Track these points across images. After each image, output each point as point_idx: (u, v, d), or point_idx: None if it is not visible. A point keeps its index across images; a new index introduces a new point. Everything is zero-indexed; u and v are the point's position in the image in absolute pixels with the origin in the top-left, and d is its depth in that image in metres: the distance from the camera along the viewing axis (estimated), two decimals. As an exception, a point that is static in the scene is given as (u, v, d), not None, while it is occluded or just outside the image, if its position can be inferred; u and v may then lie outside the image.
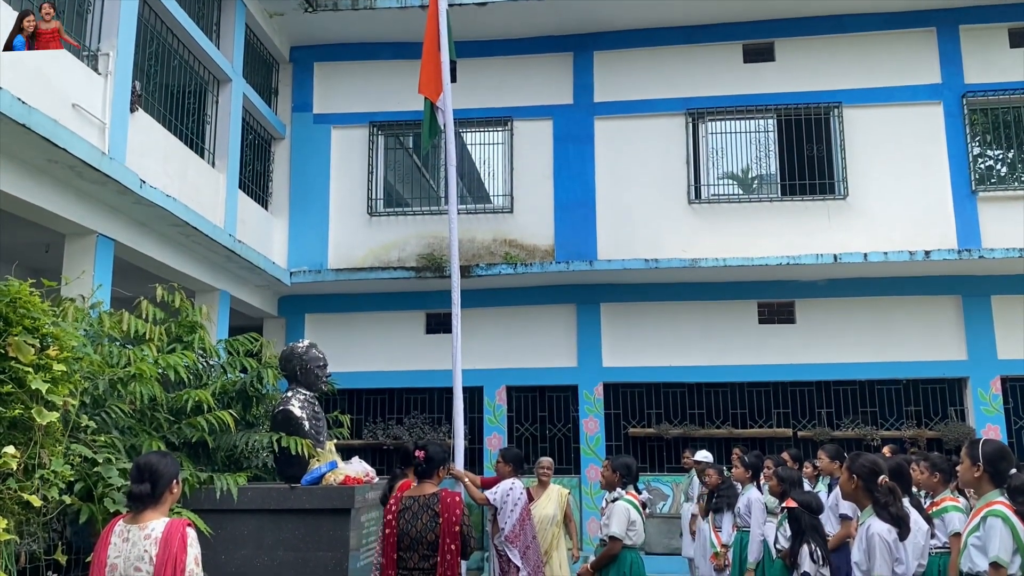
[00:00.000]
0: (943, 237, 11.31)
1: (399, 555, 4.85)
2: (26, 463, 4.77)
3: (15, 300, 4.89)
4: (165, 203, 8.18)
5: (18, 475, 4.66)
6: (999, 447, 4.07)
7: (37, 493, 4.78)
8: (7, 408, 4.63)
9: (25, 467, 4.77)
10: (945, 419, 11.49)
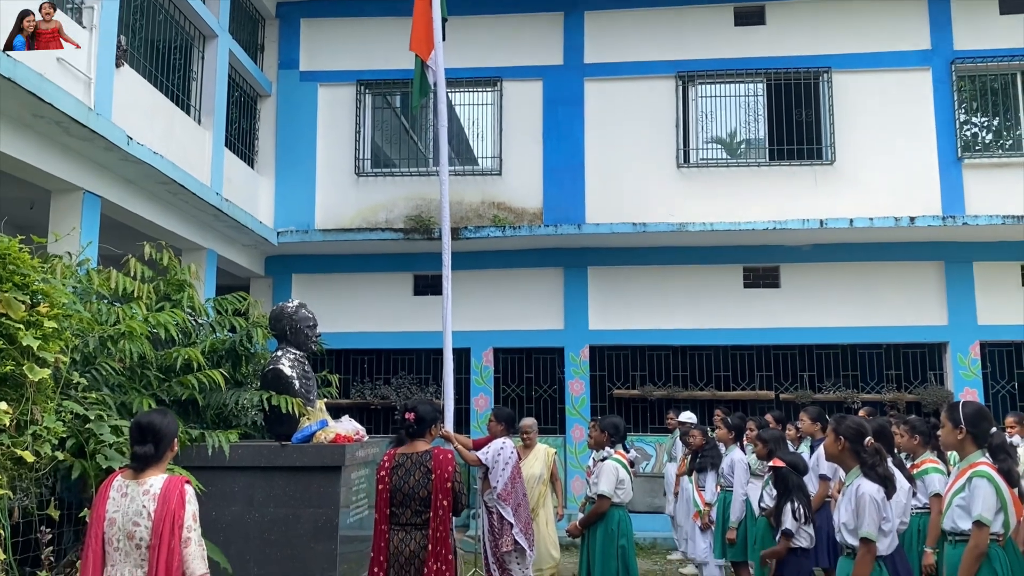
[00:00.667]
0: (928, 203, 11.40)
1: (392, 510, 4.93)
2: (18, 419, 4.78)
3: (4, 256, 4.86)
4: (152, 160, 8.10)
5: (10, 431, 4.67)
6: (978, 408, 4.17)
7: (29, 449, 4.79)
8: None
9: (17, 423, 4.78)
10: (924, 383, 11.69)
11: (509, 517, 7.24)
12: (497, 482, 7.31)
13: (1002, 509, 3.90)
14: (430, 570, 4.75)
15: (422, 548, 4.83)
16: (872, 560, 3.92)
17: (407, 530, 4.90)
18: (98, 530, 3.62)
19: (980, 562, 3.84)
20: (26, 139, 6.95)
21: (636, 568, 6.00)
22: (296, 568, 6.65)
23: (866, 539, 3.90)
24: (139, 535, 3.56)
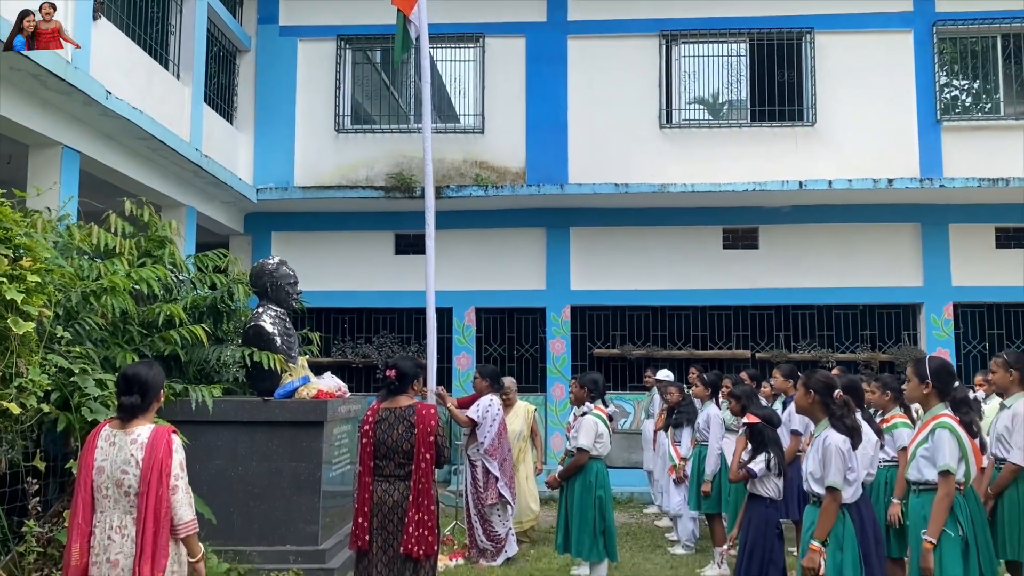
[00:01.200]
0: (907, 166, 11.51)
1: (376, 463, 5.01)
2: (3, 372, 4.82)
3: (-14, 210, 4.85)
4: (131, 115, 8.03)
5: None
6: (943, 363, 4.31)
7: (15, 401, 4.84)
8: (-18, 317, 4.65)
9: (2, 376, 4.82)
10: (898, 343, 11.92)
11: (495, 471, 7.43)
12: (485, 437, 7.48)
13: (963, 458, 4.06)
14: (411, 519, 4.86)
15: (405, 498, 4.93)
16: (837, 508, 4.08)
17: (391, 481, 5.00)
18: (87, 478, 3.69)
19: (949, 508, 4.00)
20: (3, 93, 6.87)
21: (612, 517, 6.17)
22: (279, 521, 6.80)
23: (831, 488, 4.06)
24: (127, 483, 3.64)
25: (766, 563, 5.02)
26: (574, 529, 6.06)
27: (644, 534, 8.93)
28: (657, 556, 7.86)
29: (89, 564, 3.66)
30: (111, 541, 3.65)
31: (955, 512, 4.01)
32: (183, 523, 3.68)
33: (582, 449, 6.08)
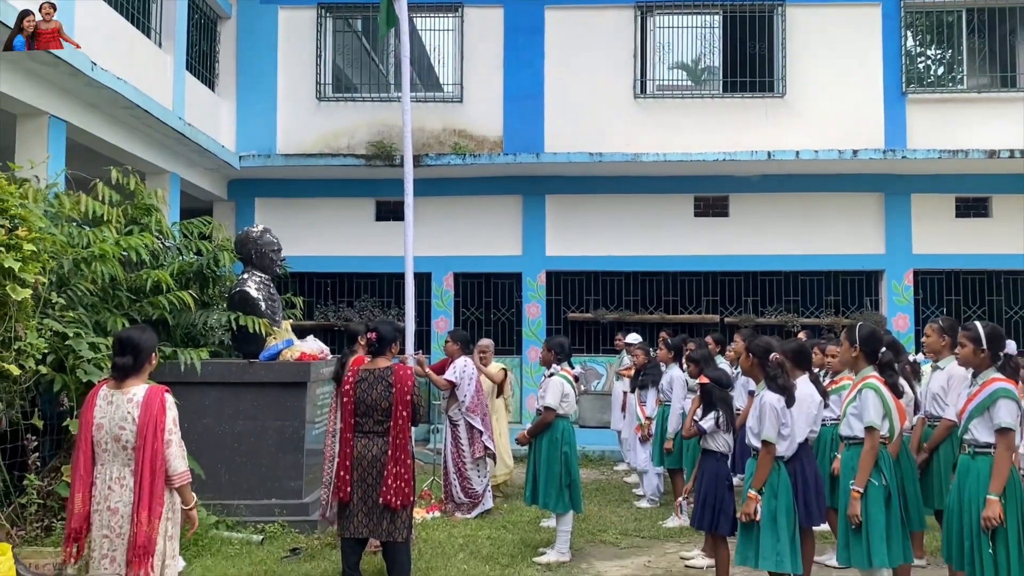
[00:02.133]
0: (872, 136, 11.87)
1: (356, 420, 5.39)
2: (3, 336, 5.13)
3: (-17, 182, 5.11)
4: (116, 85, 8.22)
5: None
6: (872, 330, 4.71)
7: (15, 364, 5.15)
8: (-18, 285, 4.94)
9: (2, 340, 5.13)
10: (861, 308, 12.37)
11: (478, 425, 7.92)
12: (465, 396, 7.93)
13: (887, 416, 4.47)
14: (390, 472, 5.26)
15: (383, 453, 5.32)
16: (771, 460, 4.50)
17: (370, 437, 5.38)
18: (87, 434, 4.03)
19: (874, 460, 4.42)
20: (-10, 64, 7.06)
21: (577, 472, 6.57)
22: (264, 477, 7.20)
23: (766, 441, 4.47)
24: (125, 438, 3.98)
25: (717, 512, 5.44)
26: (541, 483, 6.46)
27: (613, 489, 9.40)
28: (623, 510, 8.32)
29: (91, 511, 4.02)
30: (111, 491, 4.00)
31: (879, 464, 4.43)
32: (177, 474, 4.04)
33: (549, 408, 6.47)
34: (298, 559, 6.24)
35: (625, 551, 6.85)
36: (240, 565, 6.02)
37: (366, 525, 5.34)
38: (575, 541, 6.78)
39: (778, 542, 4.45)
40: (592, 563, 6.49)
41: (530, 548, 6.74)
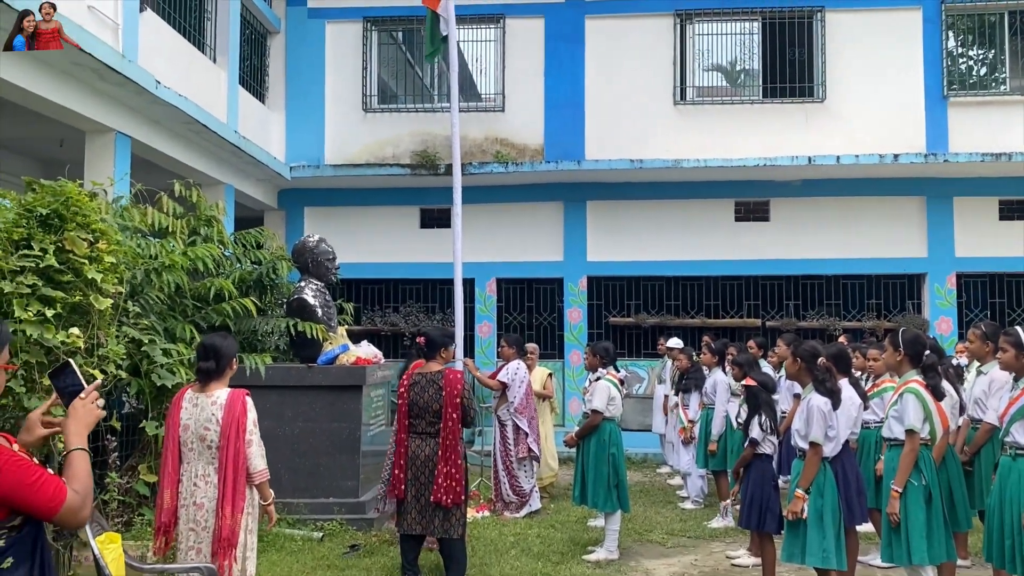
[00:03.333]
0: (913, 140, 11.90)
1: (410, 421, 5.67)
2: (87, 343, 5.47)
3: (68, 199, 5.46)
4: (177, 102, 8.62)
5: (82, 353, 5.36)
6: (915, 334, 4.86)
7: (97, 368, 5.49)
8: (69, 295, 5.28)
9: (87, 347, 5.47)
10: (903, 312, 12.40)
11: (525, 427, 8.18)
12: (514, 398, 8.20)
13: (927, 419, 4.63)
14: (440, 472, 5.52)
15: (435, 453, 5.58)
16: (818, 460, 4.68)
17: (423, 438, 5.65)
18: (174, 434, 4.34)
19: (913, 462, 4.58)
20: (66, 84, 7.47)
21: (625, 473, 6.77)
22: (323, 476, 7.49)
23: (813, 443, 4.65)
24: (209, 438, 4.28)
25: (764, 511, 5.61)
26: (590, 483, 6.67)
27: (657, 491, 9.57)
28: (668, 511, 8.49)
29: (178, 506, 4.33)
30: (196, 487, 4.31)
31: (919, 465, 4.59)
32: (257, 471, 4.33)
33: (596, 410, 6.69)
34: (357, 555, 6.52)
35: (672, 550, 7.04)
36: (304, 560, 6.32)
37: (419, 522, 5.60)
38: (622, 540, 6.97)
39: (824, 539, 4.62)
40: (640, 561, 6.68)
41: (579, 546, 6.96)
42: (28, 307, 4.93)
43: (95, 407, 2.37)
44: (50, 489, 2.16)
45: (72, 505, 2.18)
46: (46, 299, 5.07)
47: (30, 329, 4.88)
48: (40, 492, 2.14)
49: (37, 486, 2.15)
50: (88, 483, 2.25)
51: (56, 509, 2.16)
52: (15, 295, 4.90)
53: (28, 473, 2.15)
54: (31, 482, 2.14)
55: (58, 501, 2.16)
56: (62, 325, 5.17)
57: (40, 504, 2.15)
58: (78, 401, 2.35)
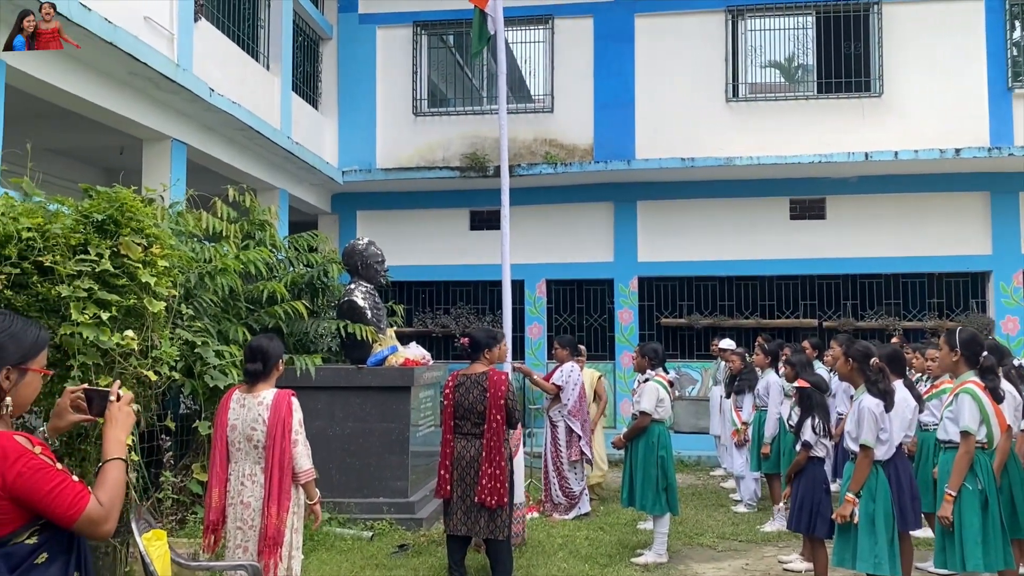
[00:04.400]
0: (975, 134, 11.52)
1: (455, 422, 5.69)
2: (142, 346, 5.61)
3: (123, 205, 5.61)
4: (231, 109, 8.80)
5: (137, 355, 5.50)
6: (972, 334, 4.70)
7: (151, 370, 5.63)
8: (124, 298, 5.42)
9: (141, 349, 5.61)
10: (967, 311, 12.01)
11: (577, 430, 8.16)
12: (568, 399, 8.19)
13: (984, 421, 4.47)
14: (484, 472, 5.53)
15: (479, 454, 5.58)
16: (869, 464, 4.55)
17: (468, 439, 5.67)
18: (222, 434, 4.43)
19: (968, 465, 4.43)
20: (123, 94, 7.70)
21: (674, 476, 6.69)
22: (372, 476, 7.57)
23: (864, 445, 4.52)
24: (256, 438, 4.36)
25: (815, 515, 5.50)
26: (638, 485, 6.61)
27: (709, 494, 9.44)
28: (720, 514, 8.37)
29: (226, 505, 4.41)
30: (243, 486, 4.38)
31: (975, 469, 4.43)
32: (303, 471, 4.39)
33: (644, 412, 6.62)
34: (406, 554, 6.57)
35: (722, 554, 6.93)
36: (353, 560, 6.39)
37: (464, 523, 5.61)
38: (672, 543, 6.89)
39: (876, 544, 4.48)
40: (689, 565, 6.60)
41: (627, 549, 6.90)
42: (84, 310, 5.07)
43: (131, 409, 2.35)
44: (70, 496, 2.10)
45: (93, 515, 2.13)
46: (102, 302, 5.21)
47: (86, 332, 5.02)
48: (59, 499, 2.09)
49: (55, 493, 2.09)
50: (118, 494, 2.19)
51: (74, 518, 2.11)
52: (72, 298, 5.04)
53: (48, 478, 2.10)
54: (49, 489, 2.09)
55: (77, 510, 2.11)
56: (117, 328, 5.31)
57: (59, 511, 2.10)
58: (113, 406, 2.33)
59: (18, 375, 2.19)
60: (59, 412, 2.39)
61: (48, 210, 5.57)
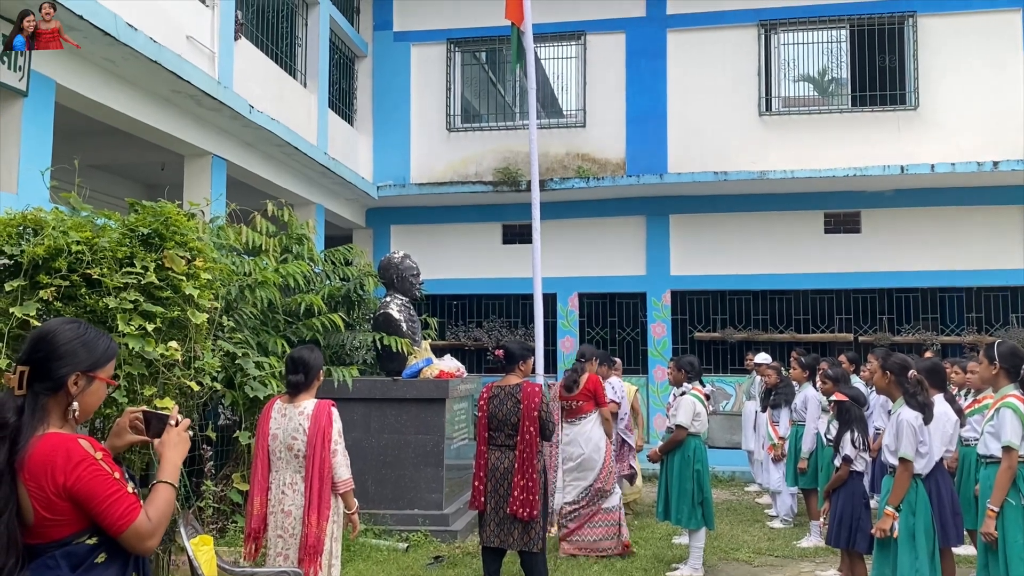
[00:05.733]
0: (1013, 147, 11.37)
1: (489, 434, 5.73)
2: (185, 356, 5.73)
3: (167, 219, 5.75)
4: (270, 125, 8.97)
5: (180, 365, 5.61)
6: (1012, 347, 4.64)
7: (194, 380, 5.75)
8: (168, 310, 5.55)
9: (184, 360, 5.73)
10: (1006, 325, 11.82)
11: (631, 441, 8.15)
12: (626, 414, 8.22)
13: (1027, 435, 4.41)
14: (517, 484, 5.55)
15: (512, 465, 5.60)
16: (909, 477, 4.51)
17: (502, 450, 5.69)
18: (264, 443, 4.51)
19: (1011, 480, 4.37)
20: (166, 111, 7.89)
21: (710, 490, 6.66)
22: (407, 487, 7.63)
23: (904, 459, 4.49)
24: (297, 447, 4.43)
25: (854, 530, 5.45)
26: (673, 499, 6.58)
27: (745, 510, 9.36)
28: (756, 529, 8.30)
29: (267, 513, 4.49)
30: (284, 495, 4.46)
31: (1017, 484, 4.37)
32: (342, 480, 4.46)
33: (680, 426, 6.60)
34: (441, 566, 6.60)
35: (759, 569, 6.88)
36: (389, 570, 6.43)
37: (497, 535, 5.62)
38: (707, 558, 6.85)
39: (916, 559, 4.43)
40: (725, 580, 6.56)
41: (663, 563, 6.87)
42: (131, 321, 5.20)
43: (187, 435, 2.41)
44: (122, 506, 2.17)
45: (140, 529, 2.19)
46: (147, 314, 5.34)
47: (132, 342, 5.14)
48: (112, 508, 2.16)
49: (110, 501, 2.16)
50: (165, 513, 2.26)
51: (123, 528, 2.17)
52: (119, 310, 5.17)
53: (105, 486, 2.16)
54: (105, 495, 2.15)
55: (127, 520, 2.17)
56: (161, 339, 5.43)
57: (109, 519, 2.16)
58: (172, 431, 2.38)
59: (86, 382, 2.27)
60: (118, 431, 2.46)
61: (96, 224, 5.72)
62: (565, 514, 7.10)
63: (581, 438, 7.15)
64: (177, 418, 2.42)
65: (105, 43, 6.62)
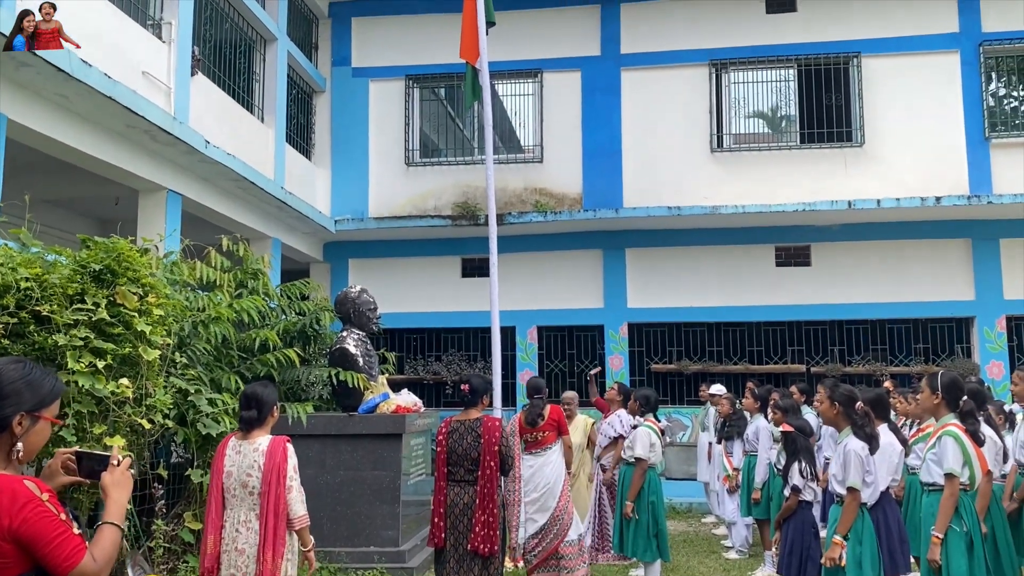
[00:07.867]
0: (955, 183, 11.79)
1: (449, 469, 5.71)
2: (136, 393, 5.66)
3: (120, 255, 5.71)
4: (226, 160, 8.95)
5: (131, 403, 5.55)
6: (953, 377, 4.81)
7: (145, 418, 5.68)
8: (119, 347, 5.49)
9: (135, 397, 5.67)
10: (952, 356, 12.15)
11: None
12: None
13: (967, 463, 4.55)
14: (478, 520, 5.54)
15: (473, 501, 5.59)
16: (856, 506, 4.62)
17: (461, 486, 5.68)
18: (218, 481, 4.47)
19: (954, 507, 4.50)
20: (119, 146, 7.84)
21: (664, 522, 6.72)
22: (363, 524, 7.56)
23: (851, 488, 4.59)
24: (251, 484, 4.40)
25: (805, 560, 5.54)
26: (629, 532, 6.64)
27: (701, 541, 9.43)
28: (712, 560, 8.36)
29: (221, 552, 4.43)
30: (238, 533, 4.41)
31: (960, 511, 4.50)
32: (297, 517, 4.43)
33: (639, 458, 6.67)
34: (397, 604, 6.54)
35: (714, 601, 6.92)
36: (344, 608, 6.36)
37: (456, 572, 5.59)
38: (664, 590, 6.89)
39: (864, 587, 4.53)
40: (681, 612, 6.59)
41: (620, 596, 6.89)
42: (80, 359, 5.14)
43: (130, 473, 2.40)
44: (67, 548, 2.15)
45: (85, 571, 2.17)
46: (97, 351, 5.28)
47: (82, 380, 5.08)
48: (57, 550, 2.14)
49: (56, 543, 2.14)
50: (111, 554, 2.25)
51: (68, 571, 2.14)
52: (68, 347, 5.11)
53: (51, 528, 2.14)
54: (51, 537, 2.14)
55: (72, 563, 2.15)
56: (112, 376, 5.37)
57: (55, 562, 2.14)
58: (116, 470, 2.37)
59: (31, 422, 2.26)
60: (50, 473, 2.43)
61: (46, 260, 5.66)
62: (530, 548, 7.07)
63: (547, 468, 7.14)
64: (118, 457, 2.40)
65: (59, 79, 6.60)
